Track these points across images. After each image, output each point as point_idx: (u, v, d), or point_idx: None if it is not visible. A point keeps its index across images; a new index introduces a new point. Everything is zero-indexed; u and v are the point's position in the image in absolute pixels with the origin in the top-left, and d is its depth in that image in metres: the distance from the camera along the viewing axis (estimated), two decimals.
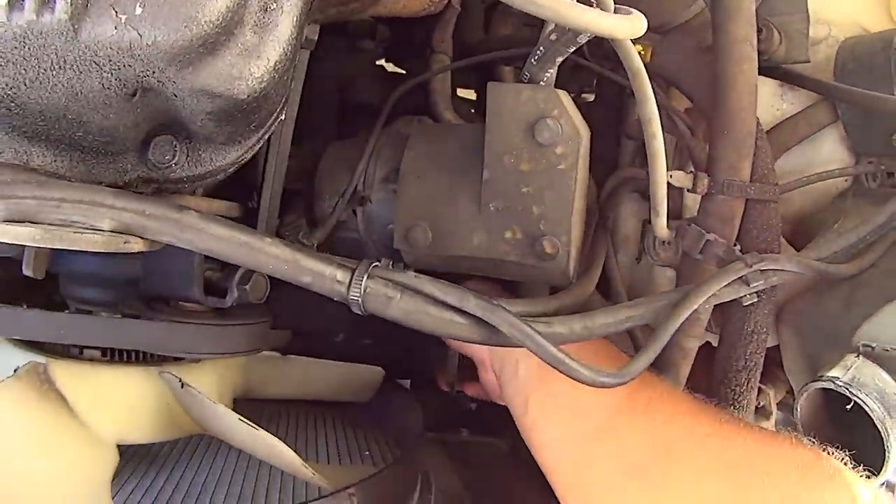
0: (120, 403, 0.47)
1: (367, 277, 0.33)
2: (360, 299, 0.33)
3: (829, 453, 0.35)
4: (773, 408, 0.53)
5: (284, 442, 0.49)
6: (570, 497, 0.38)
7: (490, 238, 0.42)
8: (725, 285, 0.43)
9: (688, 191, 0.45)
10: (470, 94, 0.69)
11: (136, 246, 0.30)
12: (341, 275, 0.33)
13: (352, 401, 0.59)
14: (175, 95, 0.29)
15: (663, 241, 0.52)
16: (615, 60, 0.49)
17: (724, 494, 0.32)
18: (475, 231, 0.43)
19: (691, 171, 0.45)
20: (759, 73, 0.47)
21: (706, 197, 0.47)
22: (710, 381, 0.47)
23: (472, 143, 0.43)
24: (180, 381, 0.46)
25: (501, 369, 0.45)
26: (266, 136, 0.34)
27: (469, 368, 0.58)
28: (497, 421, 0.63)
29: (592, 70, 0.52)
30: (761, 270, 0.44)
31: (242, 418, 0.43)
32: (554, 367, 0.35)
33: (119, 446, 0.46)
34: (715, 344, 0.54)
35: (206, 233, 0.31)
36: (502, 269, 0.44)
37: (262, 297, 0.43)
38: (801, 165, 0.58)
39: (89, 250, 0.28)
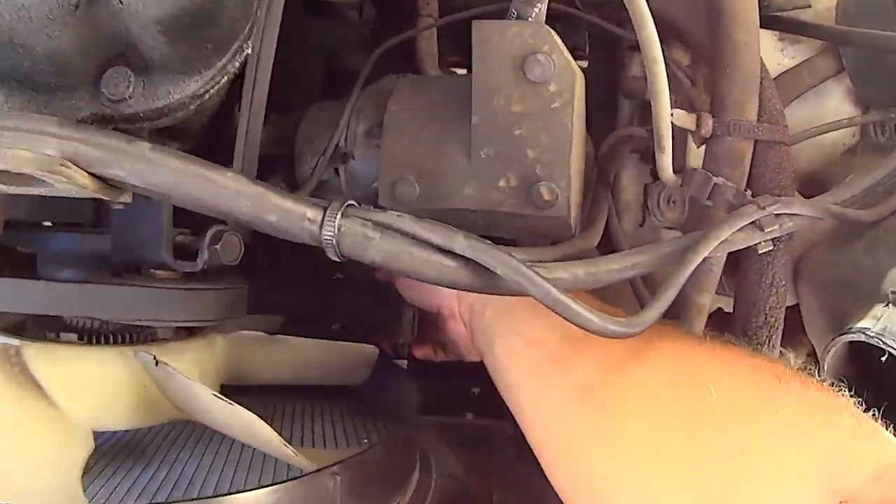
0: (95, 387, 0.43)
1: (342, 216, 0.29)
2: (334, 240, 0.29)
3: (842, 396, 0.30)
4: None
5: (280, 433, 0.45)
6: (533, 430, 0.35)
7: (482, 188, 0.38)
8: (738, 230, 0.38)
9: (691, 133, 0.41)
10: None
11: (81, 178, 0.26)
12: (312, 213, 0.29)
13: (346, 383, 0.54)
14: (121, 3, 0.25)
15: (668, 199, 0.47)
16: (606, 7, 0.46)
17: (670, 408, 0.29)
18: (466, 182, 0.38)
19: (695, 112, 0.41)
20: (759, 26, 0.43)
21: (712, 140, 0.42)
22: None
23: (460, 91, 0.39)
24: (155, 358, 0.42)
25: (471, 318, 0.42)
26: (230, 70, 0.30)
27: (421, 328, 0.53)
28: (501, 404, 0.58)
29: (584, 25, 0.48)
30: (776, 214, 0.40)
31: (218, 394, 0.39)
32: (558, 314, 0.30)
33: (101, 441, 0.41)
34: (728, 309, 0.49)
35: (158, 165, 0.27)
36: (497, 223, 0.39)
37: (235, 259, 0.39)
38: (807, 122, 0.54)
39: (20, 171, 0.24)
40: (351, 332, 0.60)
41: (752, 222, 0.39)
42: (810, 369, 0.32)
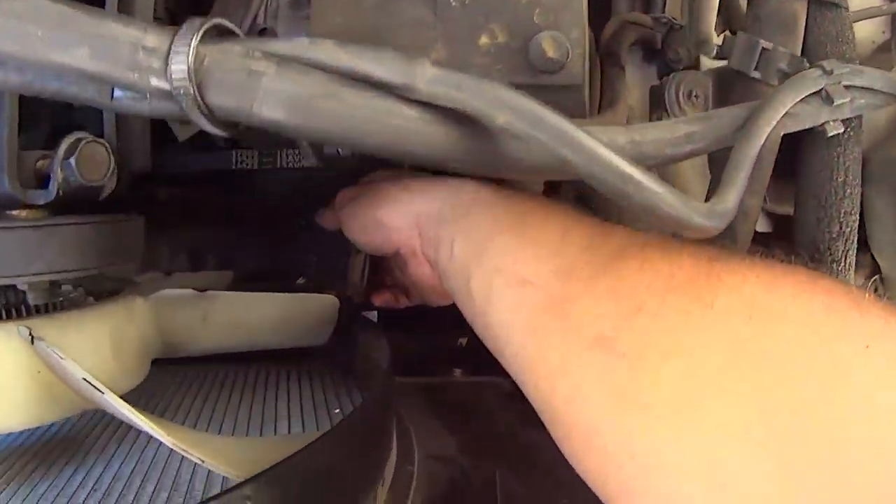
0: None
1: (203, 38, 0.13)
2: (190, 83, 0.13)
3: None
4: None
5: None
6: (530, 381, 0.25)
7: (455, 51, 0.23)
8: (801, 100, 0.24)
9: None
10: None
11: None
12: (154, 39, 0.13)
13: (306, 344, 0.39)
14: None
15: (690, 94, 0.33)
16: None
17: (722, 353, 0.20)
18: (432, 44, 0.24)
19: None
20: None
21: (755, 1, 0.28)
22: (790, 259, 0.28)
23: None
24: (30, 333, 0.26)
25: (436, 255, 0.30)
26: None
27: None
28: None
29: None
30: (846, 86, 0.26)
31: (89, 378, 0.23)
32: (617, 194, 0.16)
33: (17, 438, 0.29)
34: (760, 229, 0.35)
35: None
36: None
37: (100, 177, 0.23)
38: None
39: None
40: (295, 286, 0.45)
41: (818, 92, 0.25)
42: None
